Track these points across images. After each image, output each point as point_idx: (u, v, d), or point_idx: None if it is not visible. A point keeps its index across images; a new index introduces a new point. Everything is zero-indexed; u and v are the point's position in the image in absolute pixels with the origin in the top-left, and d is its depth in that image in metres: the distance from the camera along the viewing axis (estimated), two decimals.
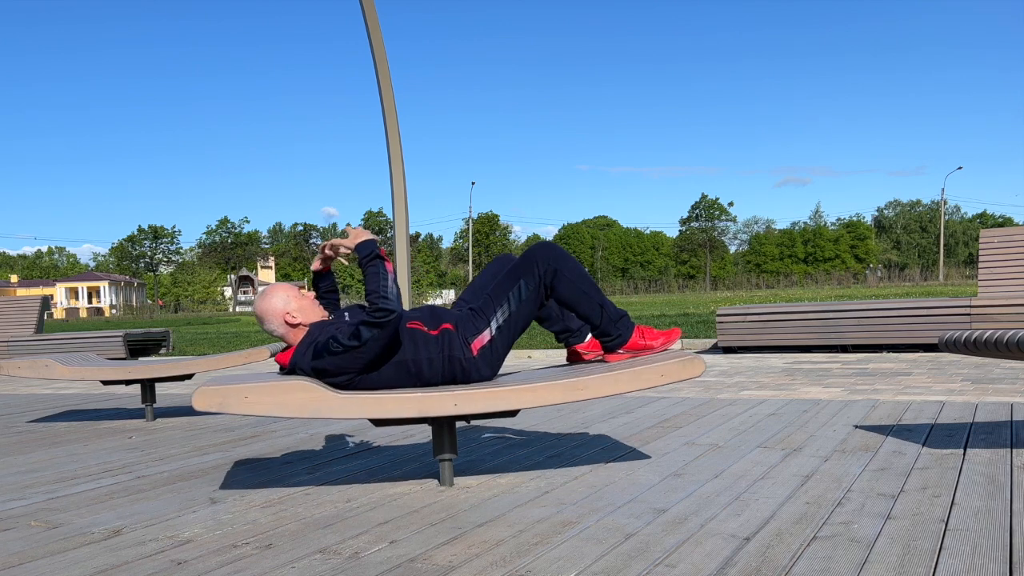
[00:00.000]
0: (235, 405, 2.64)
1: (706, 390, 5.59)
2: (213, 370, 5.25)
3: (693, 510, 2.46)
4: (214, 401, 2.63)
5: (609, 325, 3.08)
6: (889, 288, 40.70)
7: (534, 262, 3.03)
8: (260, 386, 2.67)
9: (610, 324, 3.08)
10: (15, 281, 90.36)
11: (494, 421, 4.33)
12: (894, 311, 7.85)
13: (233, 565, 2.14)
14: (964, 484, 2.62)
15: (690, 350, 9.27)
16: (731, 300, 27.72)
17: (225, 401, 2.64)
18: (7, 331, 11.38)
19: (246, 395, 2.65)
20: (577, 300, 3.05)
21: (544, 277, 3.02)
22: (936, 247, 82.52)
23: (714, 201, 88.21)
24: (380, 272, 2.85)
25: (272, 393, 2.67)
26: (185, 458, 3.76)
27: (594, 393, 2.80)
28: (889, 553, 2.00)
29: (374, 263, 2.87)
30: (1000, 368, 6.09)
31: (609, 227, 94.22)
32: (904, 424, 3.75)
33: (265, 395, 2.66)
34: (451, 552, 2.17)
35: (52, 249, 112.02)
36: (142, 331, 11.75)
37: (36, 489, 3.21)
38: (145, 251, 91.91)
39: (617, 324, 3.08)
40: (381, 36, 9.85)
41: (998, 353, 2.83)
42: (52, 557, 2.29)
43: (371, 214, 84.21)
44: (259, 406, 2.66)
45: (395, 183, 9.86)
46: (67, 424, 5.12)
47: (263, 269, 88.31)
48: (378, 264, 2.87)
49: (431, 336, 2.95)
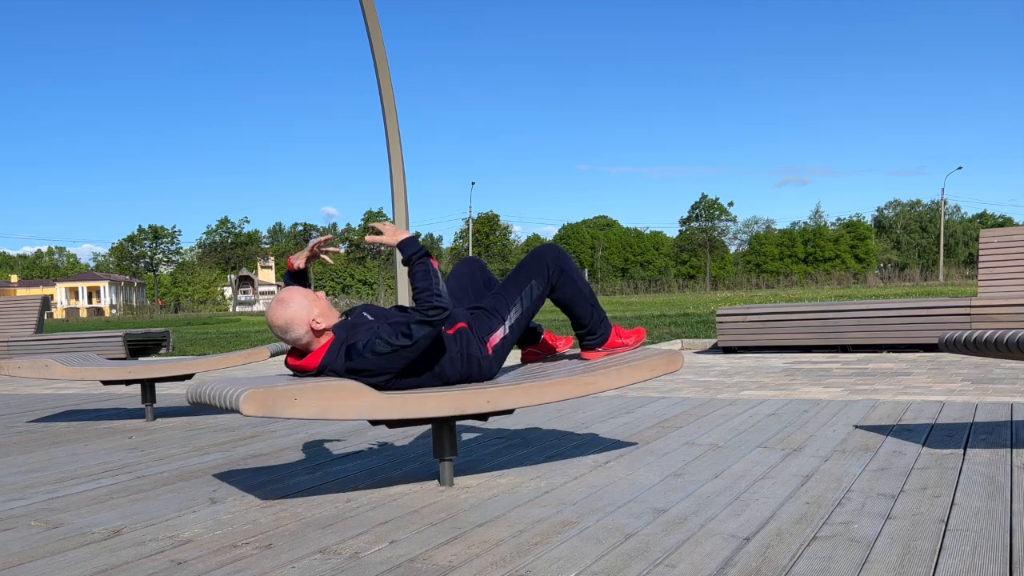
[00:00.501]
0: (284, 408, 2.52)
1: (706, 390, 5.59)
2: (213, 370, 5.25)
3: (693, 510, 2.46)
4: (264, 404, 2.50)
5: (596, 324, 3.28)
6: (889, 288, 40.71)
7: (544, 262, 3.16)
8: (308, 388, 2.56)
9: (597, 323, 3.29)
10: (15, 281, 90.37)
11: (495, 421, 4.33)
12: (894, 311, 7.85)
13: (233, 565, 2.14)
14: (964, 484, 2.62)
15: (691, 350, 9.27)
16: (731, 300, 27.72)
17: (275, 404, 2.51)
18: (7, 331, 11.38)
19: (295, 397, 2.53)
20: (575, 300, 3.22)
21: (552, 277, 3.16)
22: (936, 247, 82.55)
23: (714, 201, 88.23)
24: (430, 270, 2.81)
25: (322, 395, 2.56)
26: (185, 458, 3.76)
27: (604, 387, 2.98)
28: (889, 553, 2.00)
29: (423, 261, 2.83)
30: (1000, 368, 6.09)
31: (609, 227, 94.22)
32: (904, 424, 3.75)
33: (314, 398, 2.56)
34: (451, 552, 2.17)
35: (52, 249, 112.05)
36: (142, 331, 11.75)
37: (36, 489, 3.21)
38: (145, 251, 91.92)
39: (601, 324, 3.30)
40: (381, 36, 9.85)
41: (998, 353, 2.83)
42: (52, 557, 2.29)
43: (371, 214, 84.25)
44: (308, 409, 2.55)
45: (395, 183, 9.86)
46: (67, 424, 5.12)
47: (263, 269, 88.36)
48: (426, 262, 2.83)
49: (449, 335, 2.97)
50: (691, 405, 4.65)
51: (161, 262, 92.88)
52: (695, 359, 8.14)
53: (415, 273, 2.83)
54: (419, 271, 2.82)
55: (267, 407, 2.49)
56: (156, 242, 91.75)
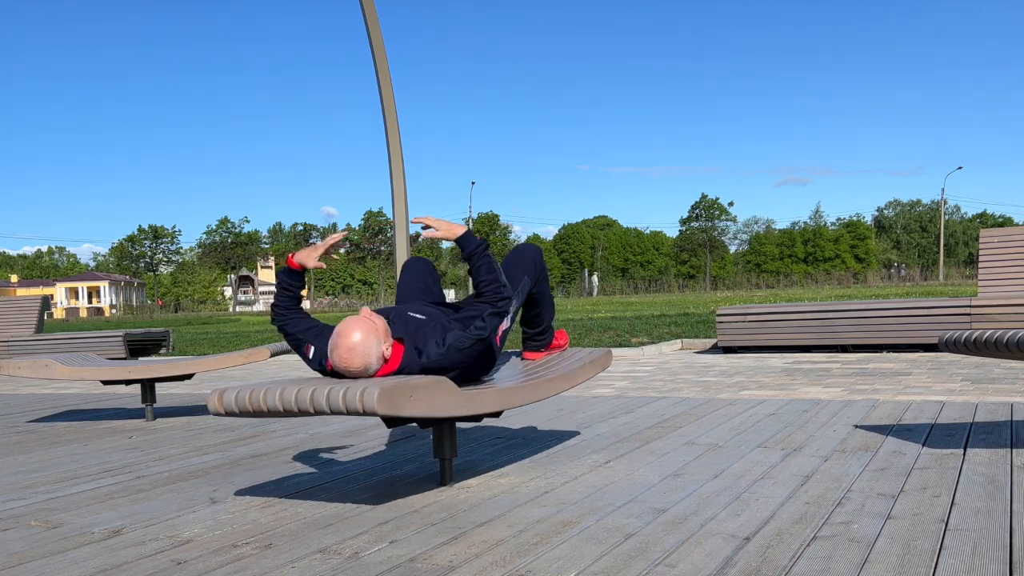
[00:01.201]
0: (403, 406, 2.44)
1: (706, 390, 5.60)
2: (213, 370, 5.25)
3: (693, 510, 2.46)
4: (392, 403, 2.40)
5: (548, 325, 3.54)
6: (889, 288, 40.70)
7: (533, 261, 3.31)
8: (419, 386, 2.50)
9: (548, 325, 3.54)
10: (15, 281, 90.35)
11: (495, 421, 4.33)
12: (894, 311, 7.85)
13: (233, 565, 2.14)
14: (964, 484, 2.62)
15: (691, 350, 9.26)
16: (731, 300, 27.72)
17: (397, 401, 2.42)
18: (7, 331, 11.38)
19: (410, 395, 2.47)
20: (545, 298, 3.43)
21: (538, 274, 3.32)
22: (936, 247, 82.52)
23: (714, 201, 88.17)
24: (493, 262, 2.90)
25: (428, 393, 2.52)
26: (185, 458, 3.76)
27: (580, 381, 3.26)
28: (889, 553, 2.00)
29: (487, 253, 2.91)
30: (1000, 368, 6.09)
31: (609, 227, 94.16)
32: (904, 424, 3.75)
33: (423, 395, 2.50)
34: (451, 552, 2.17)
35: (52, 249, 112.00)
36: (142, 331, 11.75)
37: (36, 489, 3.21)
38: (145, 251, 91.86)
39: (550, 326, 3.56)
40: (381, 35, 9.85)
41: (998, 353, 2.83)
42: (52, 557, 2.29)
43: (371, 214, 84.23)
44: (419, 405, 2.48)
45: (395, 182, 9.86)
46: (67, 424, 5.12)
47: (263, 269, 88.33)
48: (490, 254, 2.91)
49: None
50: (691, 405, 4.65)
51: (161, 262, 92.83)
52: (695, 359, 8.14)
53: (480, 266, 2.90)
54: (484, 264, 2.90)
55: (393, 405, 2.41)
56: (156, 242, 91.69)
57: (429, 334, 2.85)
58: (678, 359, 8.25)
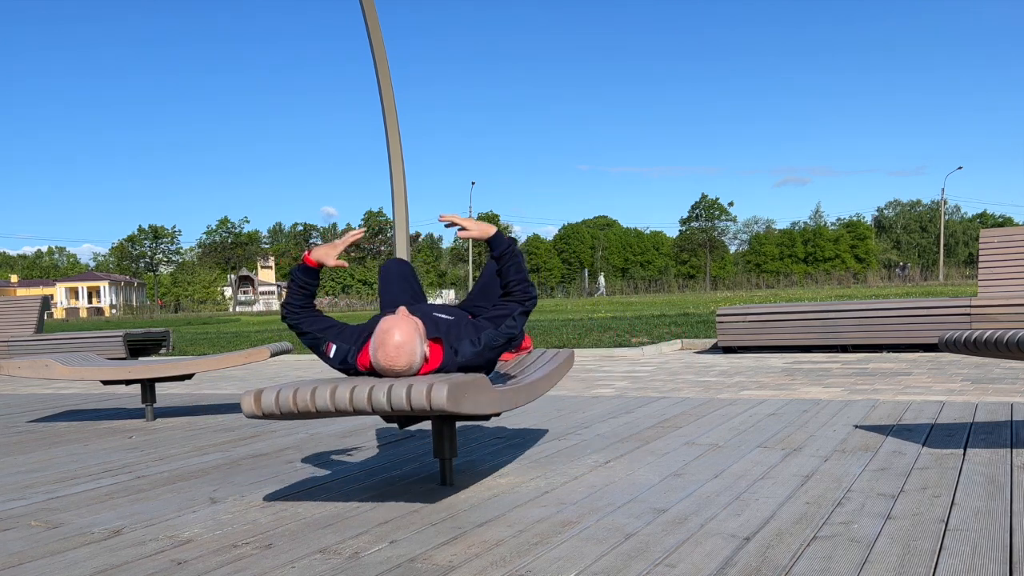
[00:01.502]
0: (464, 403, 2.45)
1: (706, 390, 5.60)
2: (213, 370, 5.25)
3: (693, 510, 2.46)
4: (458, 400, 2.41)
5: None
6: (889, 288, 40.70)
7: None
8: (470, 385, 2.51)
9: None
10: (15, 281, 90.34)
11: (494, 421, 4.33)
12: (894, 311, 7.85)
13: (233, 565, 2.14)
14: (964, 484, 2.62)
15: (691, 350, 9.25)
16: (731, 300, 27.72)
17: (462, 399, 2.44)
18: (7, 331, 11.38)
19: (465, 393, 2.49)
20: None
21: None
22: (936, 247, 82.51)
23: (714, 201, 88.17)
24: (522, 261, 2.95)
25: (479, 390, 2.54)
26: (185, 458, 3.76)
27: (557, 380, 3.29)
28: (889, 553, 2.00)
29: (518, 252, 2.95)
30: (1000, 368, 6.09)
31: (609, 227, 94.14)
32: (904, 424, 3.75)
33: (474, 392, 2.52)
34: (451, 552, 2.17)
35: (52, 249, 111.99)
36: (142, 331, 11.75)
37: (36, 489, 3.21)
38: (145, 251, 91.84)
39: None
40: (381, 35, 9.85)
41: (998, 353, 2.83)
42: (52, 557, 2.29)
43: (371, 214, 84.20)
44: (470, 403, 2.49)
45: (395, 182, 9.86)
46: (67, 424, 5.12)
47: (263, 269, 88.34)
48: (519, 253, 2.95)
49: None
50: (691, 405, 4.65)
51: (161, 262, 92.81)
52: (695, 359, 8.14)
53: (510, 266, 2.93)
54: (513, 264, 2.94)
55: (457, 403, 2.41)
56: (156, 242, 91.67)
57: (462, 334, 2.88)
58: (678, 359, 8.25)
